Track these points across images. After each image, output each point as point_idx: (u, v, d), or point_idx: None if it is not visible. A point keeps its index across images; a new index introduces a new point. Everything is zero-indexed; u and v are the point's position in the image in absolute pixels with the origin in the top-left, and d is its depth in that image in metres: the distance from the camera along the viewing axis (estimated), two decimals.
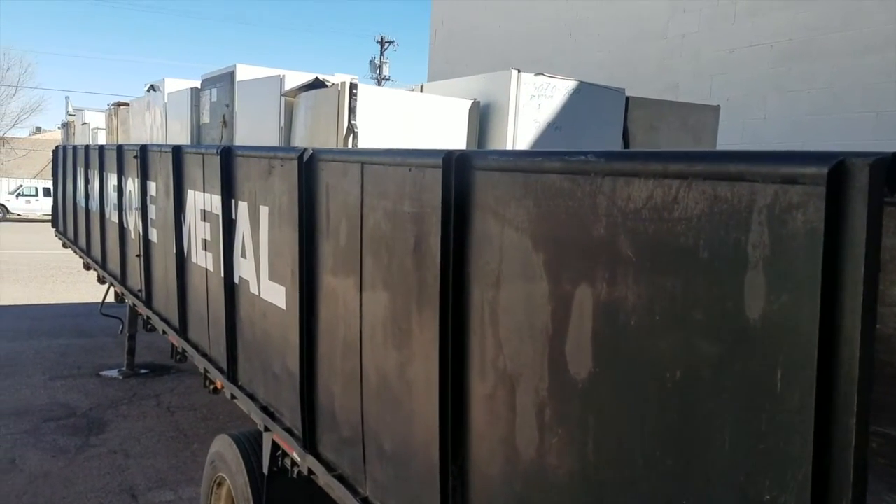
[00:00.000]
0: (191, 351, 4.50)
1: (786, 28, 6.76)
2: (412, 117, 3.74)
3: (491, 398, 1.86)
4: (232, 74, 4.58)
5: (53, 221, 11.20)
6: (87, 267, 8.77)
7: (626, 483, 1.47)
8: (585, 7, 9.49)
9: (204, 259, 4.10)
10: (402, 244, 2.19)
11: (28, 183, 31.50)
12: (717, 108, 4.93)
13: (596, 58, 9.10)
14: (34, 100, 54.31)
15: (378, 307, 2.36)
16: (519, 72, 3.81)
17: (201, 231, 4.09)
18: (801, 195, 1.11)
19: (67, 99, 13.42)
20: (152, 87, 6.53)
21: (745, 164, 1.20)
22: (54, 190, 11.23)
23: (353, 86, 3.41)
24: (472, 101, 3.89)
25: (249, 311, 3.49)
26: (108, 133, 8.69)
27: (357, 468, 2.57)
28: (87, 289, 11.56)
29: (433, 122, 3.79)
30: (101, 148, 7.26)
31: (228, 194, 3.58)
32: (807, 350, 1.11)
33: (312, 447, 2.89)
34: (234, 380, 3.74)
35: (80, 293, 12.09)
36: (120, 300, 7.51)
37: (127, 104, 7.91)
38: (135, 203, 5.64)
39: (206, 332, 4.18)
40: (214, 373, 4.06)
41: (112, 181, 6.48)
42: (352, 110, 3.40)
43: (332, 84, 3.61)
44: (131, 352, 7.89)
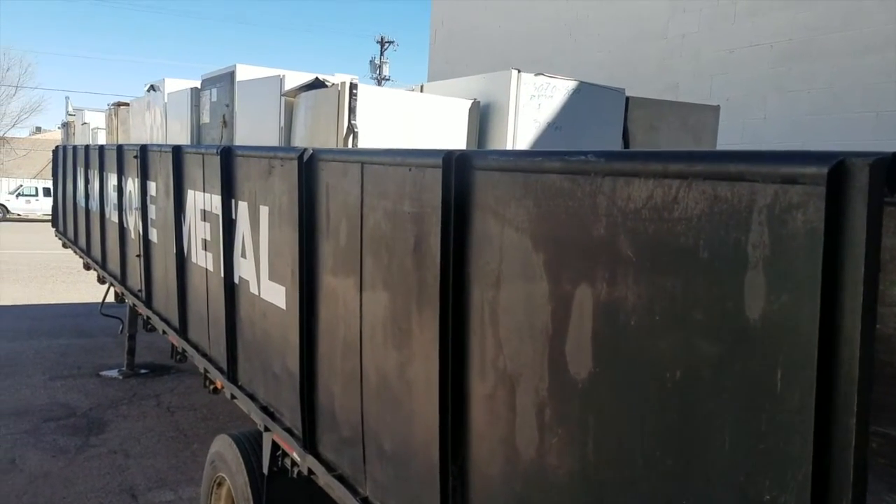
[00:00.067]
0: (191, 351, 4.50)
1: (786, 28, 6.76)
2: (412, 117, 3.74)
3: (491, 398, 1.86)
4: (232, 74, 4.58)
5: (53, 221, 11.20)
6: (87, 267, 8.77)
7: (626, 483, 1.47)
8: (585, 7, 9.49)
9: (204, 259, 4.10)
10: (402, 244, 2.19)
11: (28, 183, 31.51)
12: (717, 108, 4.93)
13: (596, 58, 9.10)
14: (34, 100, 54.36)
15: (378, 307, 2.36)
16: (519, 72, 3.81)
17: (201, 231, 4.09)
18: (801, 195, 1.11)
19: (67, 99, 13.43)
20: (152, 87, 6.53)
21: (745, 164, 1.21)
22: (54, 190, 11.23)
23: (353, 86, 3.41)
24: (472, 101, 3.89)
25: (249, 311, 3.49)
26: (108, 133, 8.69)
27: (357, 468, 2.57)
28: (87, 289, 11.56)
29: (433, 122, 3.78)
30: (101, 148, 7.26)
31: (228, 194, 3.58)
32: (807, 350, 1.11)
33: (312, 447, 2.89)
34: (234, 380, 3.74)
35: (80, 293, 12.09)
36: (120, 300, 7.51)
37: (127, 104, 7.91)
38: (135, 203, 5.65)
39: (206, 332, 4.18)
40: (214, 373, 4.06)
41: (112, 181, 6.48)
42: (352, 110, 3.40)
43: (333, 84, 3.61)
44: (131, 352, 7.89)
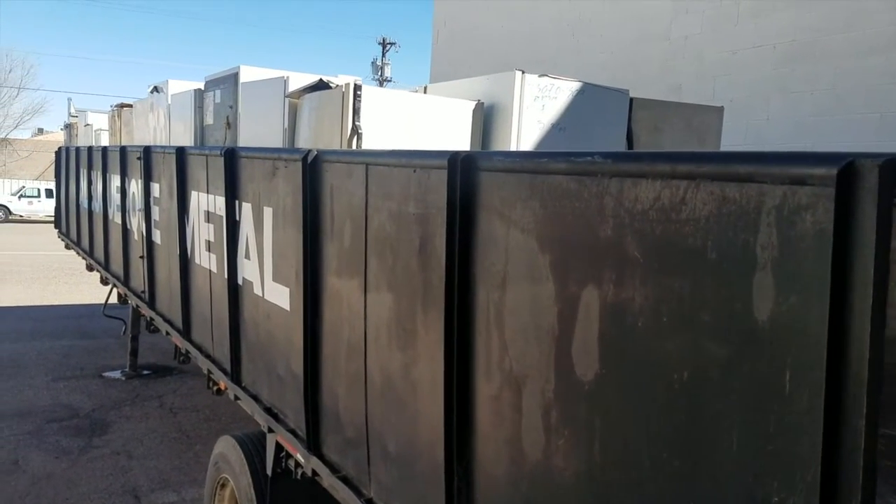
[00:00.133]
0: (194, 352, 4.51)
1: (789, 29, 6.76)
2: (416, 119, 3.74)
3: (496, 399, 1.86)
4: (236, 76, 4.58)
5: (56, 223, 11.22)
6: (89, 268, 8.78)
7: (633, 485, 1.46)
8: (588, 8, 9.48)
9: (207, 260, 4.10)
10: (407, 245, 2.19)
11: (30, 184, 31.55)
12: (720, 109, 4.92)
13: (598, 59, 9.09)
14: (36, 101, 54.35)
15: (383, 308, 2.35)
16: (523, 73, 3.81)
17: (205, 232, 4.09)
18: (810, 196, 1.11)
19: (70, 100, 13.47)
20: (156, 89, 6.53)
21: (754, 165, 1.20)
22: (57, 191, 11.25)
23: (357, 87, 3.41)
24: (475, 103, 3.88)
25: (253, 312, 3.49)
26: (111, 134, 8.70)
27: (361, 469, 2.57)
28: (89, 290, 11.57)
29: (437, 123, 3.78)
30: (104, 149, 7.26)
31: (232, 195, 3.58)
32: (816, 351, 1.11)
33: (316, 448, 2.89)
34: (237, 381, 3.74)
35: (83, 295, 12.10)
36: (123, 301, 7.52)
37: (130, 106, 7.92)
38: (138, 204, 5.65)
39: (210, 333, 4.18)
40: (218, 374, 4.06)
41: (115, 182, 6.49)
42: (356, 112, 3.40)
43: (337, 85, 3.61)
44: (134, 353, 7.89)
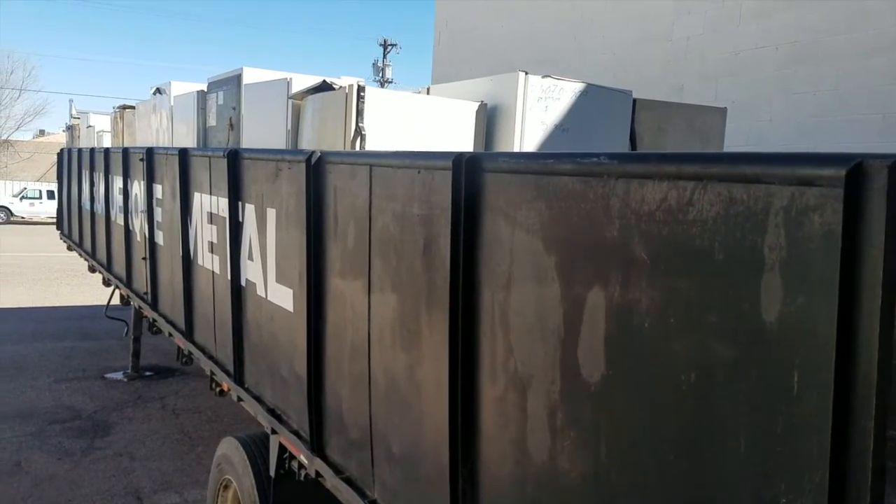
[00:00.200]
0: (197, 353, 4.51)
1: (791, 30, 6.75)
2: (419, 120, 3.74)
3: (502, 401, 1.86)
4: (239, 77, 4.58)
5: (58, 224, 11.22)
6: (92, 270, 8.78)
7: (640, 487, 1.46)
8: (590, 9, 9.48)
9: (210, 262, 4.10)
10: (412, 246, 2.19)
11: (32, 186, 31.58)
12: (724, 110, 4.92)
13: (600, 60, 9.09)
14: (38, 103, 54.27)
15: (387, 309, 2.35)
16: (526, 74, 3.81)
17: (208, 234, 4.10)
18: (819, 197, 1.11)
19: (71, 102, 13.48)
20: (158, 90, 6.53)
21: (761, 166, 1.20)
22: (59, 193, 11.26)
23: (360, 88, 3.41)
24: (479, 104, 3.88)
25: (256, 313, 3.49)
26: (113, 136, 8.70)
27: (365, 471, 2.57)
28: (91, 291, 11.58)
29: (440, 124, 3.79)
30: (106, 151, 7.27)
31: (235, 197, 3.58)
32: (824, 352, 1.10)
33: (320, 450, 2.89)
34: (240, 382, 3.74)
35: (85, 296, 12.11)
36: (125, 303, 7.53)
37: (132, 107, 7.91)
38: (141, 206, 5.65)
39: (213, 334, 4.18)
40: (221, 375, 4.06)
41: (118, 184, 6.49)
42: (359, 113, 3.40)
43: (340, 87, 3.61)
44: (136, 354, 7.89)
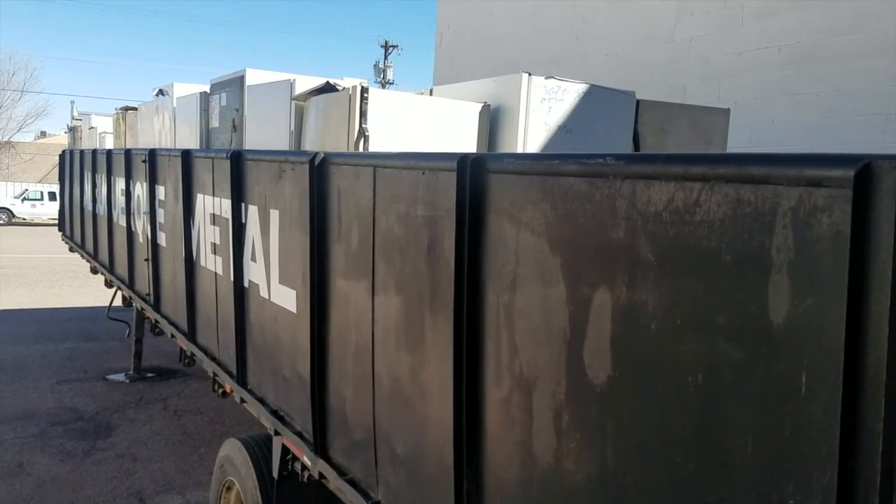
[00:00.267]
0: (199, 355, 4.50)
1: (794, 31, 6.75)
2: (422, 121, 3.74)
3: (506, 402, 1.85)
4: (242, 79, 4.58)
5: (60, 225, 11.23)
6: (94, 271, 8.78)
7: (647, 488, 1.46)
8: (592, 10, 9.48)
9: (213, 263, 4.10)
10: (416, 247, 2.18)
11: (33, 187, 31.63)
12: (727, 111, 4.91)
13: (602, 61, 9.09)
14: (39, 104, 54.45)
15: (390, 311, 2.35)
16: (529, 75, 3.81)
17: (210, 235, 4.10)
18: (827, 198, 1.10)
19: (73, 103, 13.48)
20: (161, 92, 6.53)
21: (769, 166, 1.20)
22: (61, 194, 11.26)
23: (364, 89, 3.42)
24: (482, 105, 3.88)
25: (259, 314, 3.49)
26: (115, 137, 8.70)
27: (369, 472, 2.56)
28: (93, 293, 11.59)
29: (443, 125, 3.79)
30: (108, 152, 7.27)
31: (238, 198, 3.58)
32: (832, 354, 1.10)
33: (323, 451, 2.89)
34: (243, 383, 3.73)
35: (87, 297, 12.11)
36: (127, 304, 7.52)
37: (135, 108, 7.91)
38: (143, 207, 5.65)
39: (216, 335, 4.18)
40: (223, 376, 4.06)
41: (120, 185, 6.49)
42: (363, 114, 3.40)
43: (343, 88, 3.61)
44: (138, 355, 7.90)
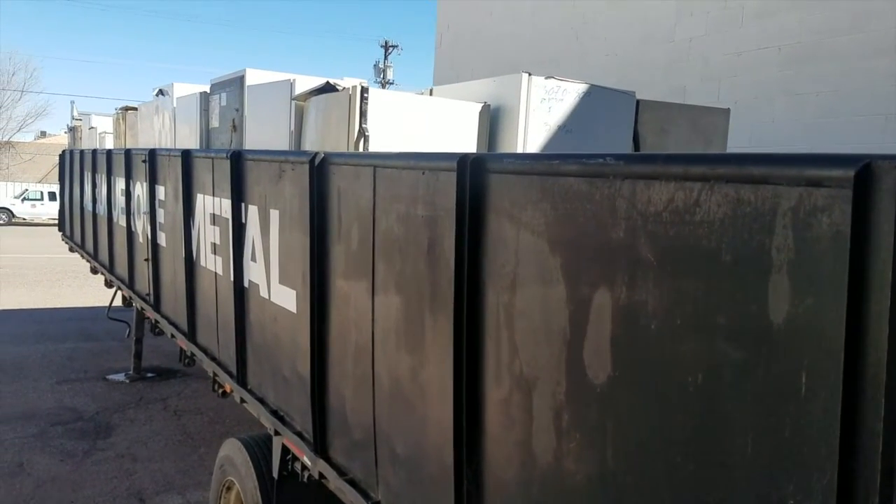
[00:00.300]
0: (200, 355, 4.50)
1: (794, 31, 6.75)
2: (422, 121, 3.74)
3: (506, 402, 1.86)
4: (242, 79, 4.58)
5: (60, 225, 11.23)
6: (94, 271, 8.79)
7: (647, 489, 1.46)
8: (592, 10, 9.48)
9: (213, 263, 4.10)
10: (416, 247, 2.19)
11: (33, 187, 31.63)
12: (727, 111, 4.91)
13: (602, 61, 9.09)
14: (39, 104, 54.46)
15: (390, 310, 2.35)
16: (529, 75, 3.81)
17: (211, 235, 4.10)
18: (827, 198, 1.10)
19: (73, 103, 13.47)
20: (161, 92, 6.54)
21: (769, 167, 1.20)
22: (61, 194, 11.26)
23: (364, 89, 3.42)
24: (482, 105, 3.88)
25: (259, 314, 3.49)
26: (115, 137, 8.70)
27: (369, 472, 2.56)
28: (93, 293, 11.59)
29: (443, 125, 3.79)
30: (108, 152, 7.28)
31: (238, 198, 3.58)
32: (832, 354, 1.10)
33: (323, 451, 2.89)
34: (243, 383, 3.73)
35: (87, 297, 12.11)
36: (127, 304, 7.52)
37: (135, 108, 7.92)
38: (143, 207, 5.65)
39: (216, 335, 4.18)
40: (223, 376, 4.06)
41: (120, 185, 6.49)
42: (363, 114, 3.40)
43: (343, 88, 3.61)
44: (138, 355, 7.90)
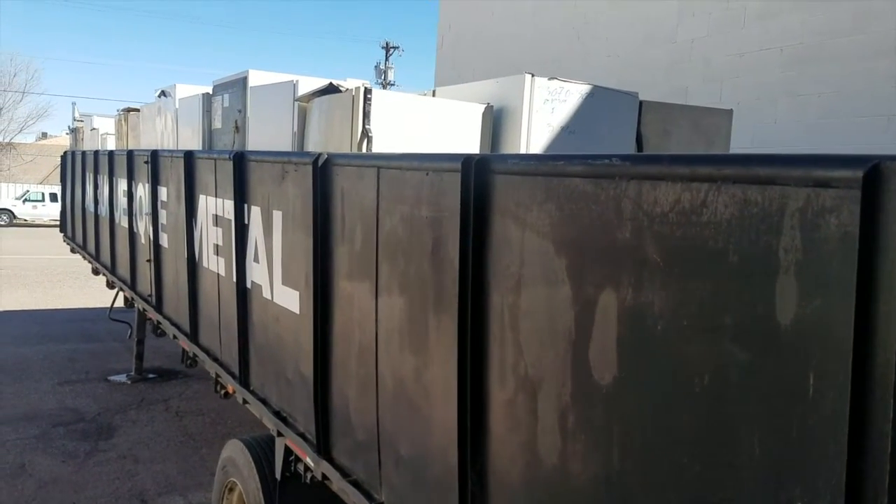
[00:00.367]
0: (202, 356, 4.50)
1: (796, 32, 6.74)
2: (425, 122, 3.74)
3: (511, 403, 1.85)
4: (244, 80, 4.59)
5: (62, 226, 11.23)
6: (95, 272, 8.79)
7: (653, 490, 1.45)
8: (593, 10, 9.47)
9: (216, 264, 4.10)
10: (420, 248, 2.18)
11: (34, 188, 31.65)
12: (729, 112, 4.91)
13: (604, 62, 9.09)
14: (41, 105, 54.37)
15: (394, 311, 2.35)
16: (532, 76, 3.81)
17: (213, 236, 4.09)
18: (835, 199, 1.10)
19: (74, 105, 13.49)
20: (163, 93, 6.54)
21: (776, 167, 1.20)
22: (63, 195, 11.27)
23: (367, 90, 3.42)
24: (485, 106, 3.89)
25: (262, 315, 3.48)
26: (117, 139, 8.71)
27: (372, 473, 2.56)
28: (95, 294, 11.58)
29: (447, 126, 3.79)
30: (110, 153, 7.28)
31: (241, 199, 3.58)
32: (840, 355, 1.10)
33: (326, 452, 2.88)
34: (246, 384, 3.73)
35: (89, 298, 12.11)
36: (129, 305, 7.53)
37: (137, 110, 7.92)
38: (145, 208, 5.65)
39: (218, 336, 4.17)
40: (226, 377, 4.06)
41: (122, 186, 6.50)
42: (366, 115, 3.41)
43: (346, 89, 3.61)
44: (139, 356, 7.90)
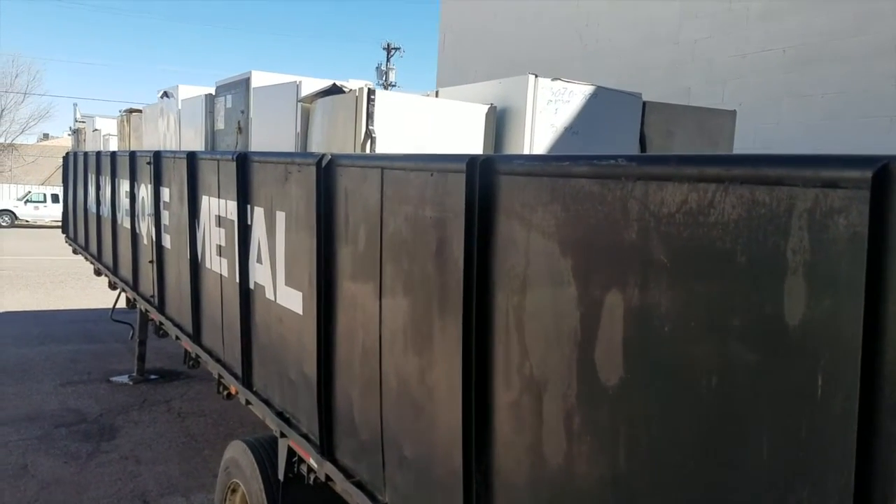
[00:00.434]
0: (204, 356, 4.50)
1: (799, 32, 6.74)
2: (429, 122, 3.74)
3: (516, 404, 1.85)
4: (247, 81, 4.59)
5: (64, 227, 11.24)
6: (97, 273, 8.79)
7: (659, 492, 1.45)
8: (596, 11, 9.47)
9: (218, 264, 4.10)
10: (424, 249, 2.18)
11: (36, 189, 31.68)
12: (733, 112, 4.90)
13: (606, 62, 9.08)
14: (42, 107, 54.55)
15: (398, 312, 2.34)
16: (536, 77, 3.81)
17: (216, 237, 4.09)
18: (844, 199, 1.10)
19: (76, 106, 13.52)
20: (165, 94, 6.54)
21: (784, 168, 1.19)
22: (65, 196, 11.28)
23: (370, 91, 3.42)
24: (488, 107, 3.88)
25: (265, 316, 3.48)
26: (119, 140, 8.72)
27: (376, 474, 2.56)
28: (97, 295, 11.59)
29: (450, 127, 3.79)
30: (113, 154, 7.29)
31: (244, 200, 3.58)
32: (849, 355, 1.09)
33: (330, 453, 2.88)
34: (248, 385, 3.73)
35: (90, 299, 12.12)
36: (131, 306, 7.53)
37: (139, 111, 7.93)
38: (147, 209, 5.66)
39: (221, 337, 4.17)
40: (228, 378, 4.06)
41: (124, 187, 6.50)
42: (369, 116, 3.41)
43: (350, 90, 3.61)
44: (142, 357, 7.90)
